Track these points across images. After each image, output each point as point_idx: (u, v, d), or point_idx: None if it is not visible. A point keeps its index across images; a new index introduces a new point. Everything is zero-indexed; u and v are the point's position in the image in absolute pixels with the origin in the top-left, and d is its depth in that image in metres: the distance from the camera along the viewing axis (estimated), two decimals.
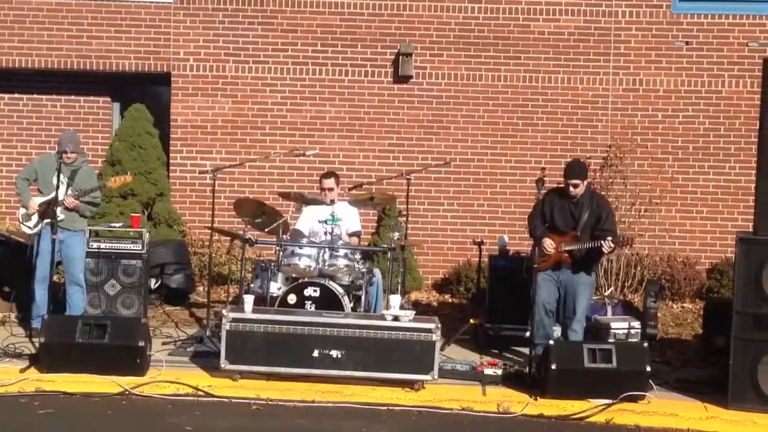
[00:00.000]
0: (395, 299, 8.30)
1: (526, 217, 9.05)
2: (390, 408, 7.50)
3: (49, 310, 8.63)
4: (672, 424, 7.39)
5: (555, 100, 12.31)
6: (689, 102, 12.25)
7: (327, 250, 9.10)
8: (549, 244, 8.53)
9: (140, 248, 9.81)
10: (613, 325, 9.47)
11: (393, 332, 7.88)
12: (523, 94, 12.32)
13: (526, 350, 8.49)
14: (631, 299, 11.33)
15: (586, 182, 8.67)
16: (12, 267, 10.20)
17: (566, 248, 8.52)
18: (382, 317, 8.14)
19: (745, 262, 7.64)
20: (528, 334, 8.83)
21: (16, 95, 12.87)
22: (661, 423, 7.39)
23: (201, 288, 11.51)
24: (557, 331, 8.90)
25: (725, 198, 12.22)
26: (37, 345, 8.21)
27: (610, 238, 8.36)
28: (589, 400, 7.64)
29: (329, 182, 9.75)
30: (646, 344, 8.06)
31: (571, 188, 8.54)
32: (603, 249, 8.38)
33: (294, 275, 9.14)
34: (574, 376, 7.72)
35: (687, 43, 12.25)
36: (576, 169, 8.65)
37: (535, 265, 8.47)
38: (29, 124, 12.86)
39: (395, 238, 9.36)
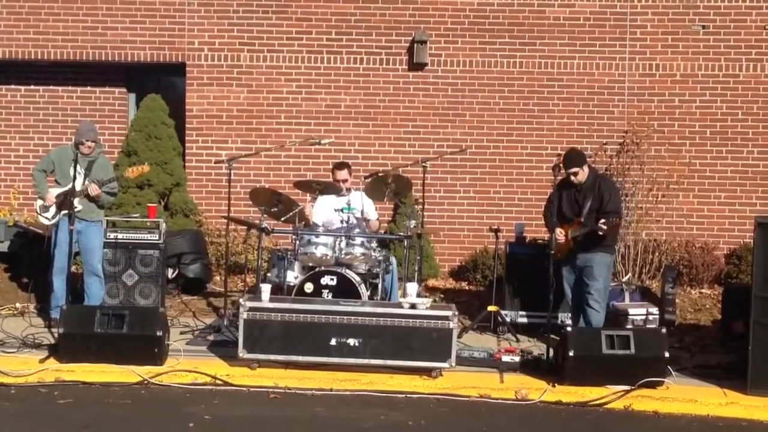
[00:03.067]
0: (412, 287, 8.30)
1: (543, 212, 9.12)
2: (408, 396, 7.50)
3: (67, 300, 8.67)
4: (691, 410, 7.36)
5: (571, 86, 12.24)
6: (706, 86, 12.17)
7: (343, 238, 9.11)
8: (559, 233, 8.71)
9: (157, 238, 9.86)
10: (631, 311, 9.49)
11: (410, 320, 7.89)
12: (539, 80, 12.26)
13: (543, 337, 8.46)
14: (649, 285, 11.28)
15: (586, 168, 8.80)
16: (30, 258, 10.29)
17: (572, 235, 8.71)
18: (400, 305, 8.14)
19: (763, 246, 7.60)
20: (567, 320, 9.00)
21: (32, 87, 12.90)
22: (680, 409, 7.37)
23: (218, 277, 11.54)
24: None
25: (743, 183, 12.14)
26: (56, 335, 8.26)
27: (603, 220, 8.49)
28: (608, 386, 7.62)
29: (342, 174, 9.76)
30: (664, 330, 8.05)
31: (572, 177, 8.75)
32: (599, 232, 8.51)
33: (311, 264, 9.16)
34: (592, 362, 7.71)
35: (704, 27, 12.16)
36: (573, 158, 8.82)
37: (552, 254, 8.54)
38: (45, 115, 12.89)
39: (412, 226, 9.36)
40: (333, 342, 7.87)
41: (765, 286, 7.59)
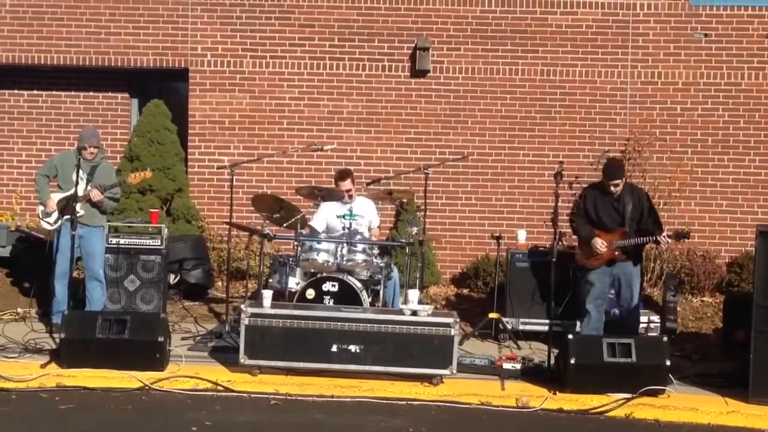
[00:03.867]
0: (413, 294, 8.30)
1: (550, 218, 9.13)
2: (409, 402, 7.49)
3: (69, 305, 8.68)
4: (692, 418, 7.35)
5: (573, 94, 12.26)
6: (708, 95, 12.18)
7: (345, 245, 9.12)
8: (600, 244, 8.75)
9: (159, 244, 9.88)
10: (639, 321, 9.45)
11: (412, 327, 7.88)
12: (541, 87, 12.28)
13: (545, 344, 8.46)
14: (650, 293, 11.28)
15: (624, 179, 8.88)
16: (32, 263, 10.28)
17: (619, 245, 8.72)
18: (401, 312, 8.14)
19: (765, 255, 7.61)
20: (578, 327, 9.03)
21: (35, 92, 12.93)
22: (681, 418, 7.36)
23: (220, 283, 11.54)
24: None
25: (745, 191, 12.15)
26: (57, 340, 8.25)
27: (666, 233, 8.69)
28: (609, 394, 7.62)
29: (346, 184, 9.76)
30: (665, 338, 8.04)
31: (613, 188, 8.75)
32: (661, 245, 8.77)
33: (312, 270, 9.16)
34: (594, 370, 7.70)
35: (706, 35, 12.18)
36: (617, 168, 8.87)
37: (587, 264, 8.78)
38: (48, 120, 12.91)
39: (413, 233, 9.37)
40: (334, 348, 7.87)
41: (766, 294, 7.58)
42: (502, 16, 12.26)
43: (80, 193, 8.94)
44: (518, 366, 8.34)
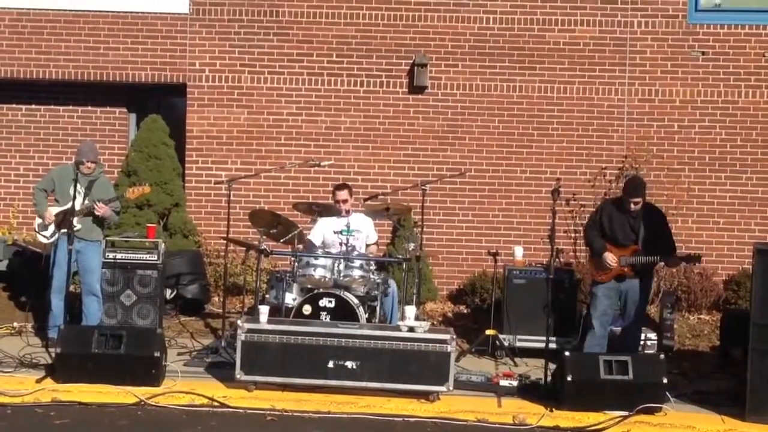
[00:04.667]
0: (410, 310, 8.29)
1: (548, 235, 9.11)
2: (405, 419, 7.48)
3: (65, 320, 8.65)
4: None
5: (570, 111, 12.28)
6: (705, 112, 12.21)
7: (342, 260, 9.11)
8: (611, 259, 8.74)
9: (156, 258, 9.86)
10: (640, 339, 9.44)
11: (408, 343, 7.87)
12: (539, 104, 12.30)
13: (541, 361, 8.45)
14: (647, 310, 11.25)
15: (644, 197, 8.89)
16: (28, 277, 10.26)
17: (628, 261, 8.71)
18: (398, 328, 8.14)
19: (762, 273, 7.60)
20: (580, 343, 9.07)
21: (33, 106, 12.94)
22: None
23: (216, 298, 11.53)
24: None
25: (742, 209, 12.16)
26: (53, 355, 8.24)
27: (678, 255, 8.76)
28: (606, 412, 7.60)
29: (343, 194, 9.75)
30: (662, 356, 8.04)
31: (632, 205, 8.73)
32: (670, 267, 8.86)
33: (309, 286, 9.16)
34: (591, 387, 7.69)
35: (703, 53, 12.22)
36: (638, 186, 8.86)
37: (595, 277, 8.81)
38: (46, 135, 12.92)
39: (410, 249, 9.37)
40: (331, 364, 7.85)
41: (763, 312, 7.58)
42: (500, 33, 12.30)
43: (77, 207, 8.93)
44: (515, 383, 8.33)
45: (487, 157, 12.33)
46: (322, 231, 9.81)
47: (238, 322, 8.15)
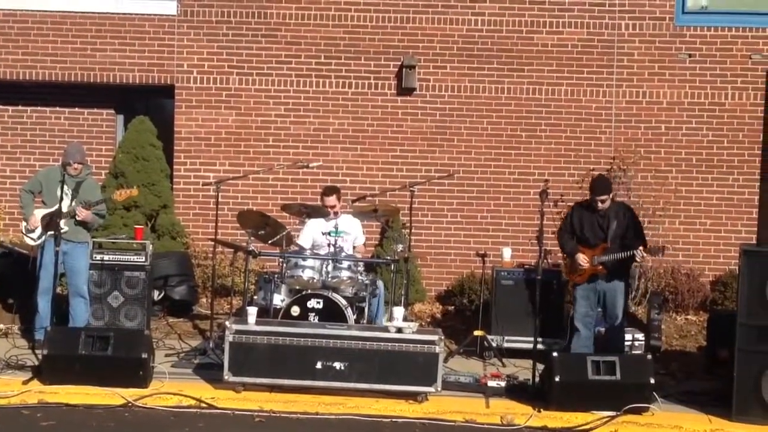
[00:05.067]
0: (399, 311, 8.30)
1: (535, 236, 9.16)
2: (393, 420, 7.48)
3: (52, 321, 8.62)
4: None
5: (558, 113, 12.31)
6: (692, 114, 12.25)
7: (330, 262, 9.11)
8: (583, 259, 8.84)
9: (144, 260, 9.84)
10: (624, 339, 9.47)
11: (396, 344, 7.88)
12: (527, 106, 12.33)
13: (530, 362, 8.46)
14: (634, 311, 11.29)
15: (611, 195, 8.95)
16: (15, 279, 10.22)
17: (600, 260, 8.79)
18: (386, 329, 8.14)
19: (749, 274, 7.65)
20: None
21: (20, 107, 12.89)
22: None
23: (204, 300, 11.50)
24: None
25: (729, 210, 12.20)
26: (40, 357, 8.21)
27: (641, 247, 8.71)
28: (593, 412, 7.62)
29: (331, 200, 9.75)
30: (650, 356, 8.07)
31: (599, 203, 8.84)
32: (636, 258, 8.76)
33: (297, 287, 9.16)
34: (578, 388, 7.71)
35: (690, 55, 12.26)
36: (603, 185, 8.98)
37: (571, 279, 8.92)
38: (33, 136, 12.87)
39: (399, 250, 9.38)
40: (319, 365, 7.85)
41: (750, 313, 7.62)
42: (488, 35, 12.31)
43: (64, 209, 8.91)
44: (503, 383, 8.34)
45: (475, 158, 12.35)
46: (311, 233, 9.80)
47: (226, 323, 8.14)
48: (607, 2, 12.24)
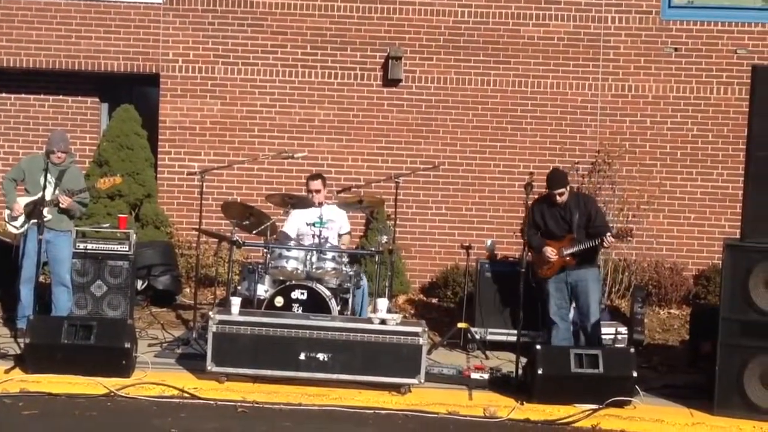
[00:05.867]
0: (382, 303, 8.30)
1: (519, 229, 9.19)
2: (376, 411, 7.49)
3: (34, 310, 8.57)
4: (658, 429, 7.42)
5: (544, 105, 12.31)
6: (678, 108, 12.27)
7: (314, 252, 9.10)
8: (550, 252, 8.88)
9: (127, 249, 9.82)
10: (600, 330, 9.50)
11: (380, 335, 7.89)
12: (512, 98, 12.32)
13: (513, 355, 8.48)
14: (618, 305, 11.34)
15: (569, 188, 9.02)
16: None
17: (568, 252, 8.84)
18: (370, 320, 8.14)
19: (732, 268, 7.68)
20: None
21: (3, 95, 12.80)
22: (647, 429, 7.42)
23: (188, 290, 11.47)
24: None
25: (713, 204, 12.24)
26: (22, 345, 8.19)
27: (609, 233, 8.77)
28: (576, 405, 7.65)
29: (316, 184, 9.76)
30: (632, 350, 8.10)
31: (557, 197, 8.91)
32: (604, 244, 8.83)
33: (281, 278, 9.14)
34: (561, 381, 7.73)
35: (676, 49, 12.28)
36: (560, 178, 9.05)
37: (541, 274, 8.92)
38: (17, 123, 12.79)
39: (383, 242, 9.37)
40: (302, 356, 7.85)
41: (733, 307, 7.66)
42: (475, 27, 12.30)
43: (48, 197, 8.86)
44: (486, 376, 8.36)
45: (460, 150, 12.34)
46: (296, 223, 9.79)
47: (210, 313, 8.13)
48: None
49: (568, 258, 8.87)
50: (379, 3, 12.31)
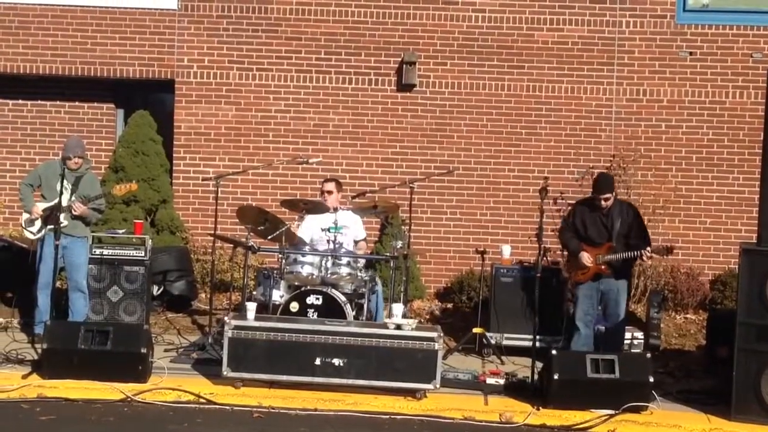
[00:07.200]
0: (398, 308, 8.29)
1: (535, 233, 9.14)
2: (392, 417, 7.47)
3: (51, 316, 8.61)
4: None
5: (558, 110, 12.30)
6: (693, 112, 12.24)
7: (329, 258, 9.11)
8: (587, 258, 8.82)
9: (143, 255, 9.85)
10: (624, 339, 9.47)
11: (395, 341, 7.88)
12: (527, 103, 12.32)
13: (529, 360, 8.46)
14: (634, 310, 11.30)
15: (614, 194, 8.94)
16: (15, 273, 10.22)
17: (605, 259, 8.77)
18: (385, 326, 8.13)
19: (748, 273, 7.64)
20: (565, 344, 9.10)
21: (20, 101, 12.88)
22: None
23: (203, 295, 11.50)
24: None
25: (729, 209, 12.20)
26: (39, 351, 8.21)
27: (649, 248, 8.69)
28: (592, 410, 7.62)
29: (329, 185, 9.83)
30: (649, 355, 8.06)
31: (603, 202, 8.81)
32: (643, 258, 8.75)
33: (296, 283, 9.15)
34: (577, 386, 7.70)
35: (691, 53, 12.25)
36: (606, 182, 8.94)
37: (573, 278, 8.93)
38: (33, 130, 12.86)
39: (398, 247, 9.37)
40: (318, 362, 7.85)
41: (749, 312, 7.62)
42: (489, 31, 12.30)
43: (64, 203, 8.90)
44: (502, 381, 8.34)
45: (475, 155, 12.34)
46: (311, 228, 9.80)
47: (225, 318, 8.14)
48: (608, 0, 12.24)
49: (603, 266, 8.80)
50: (393, 8, 12.33)
